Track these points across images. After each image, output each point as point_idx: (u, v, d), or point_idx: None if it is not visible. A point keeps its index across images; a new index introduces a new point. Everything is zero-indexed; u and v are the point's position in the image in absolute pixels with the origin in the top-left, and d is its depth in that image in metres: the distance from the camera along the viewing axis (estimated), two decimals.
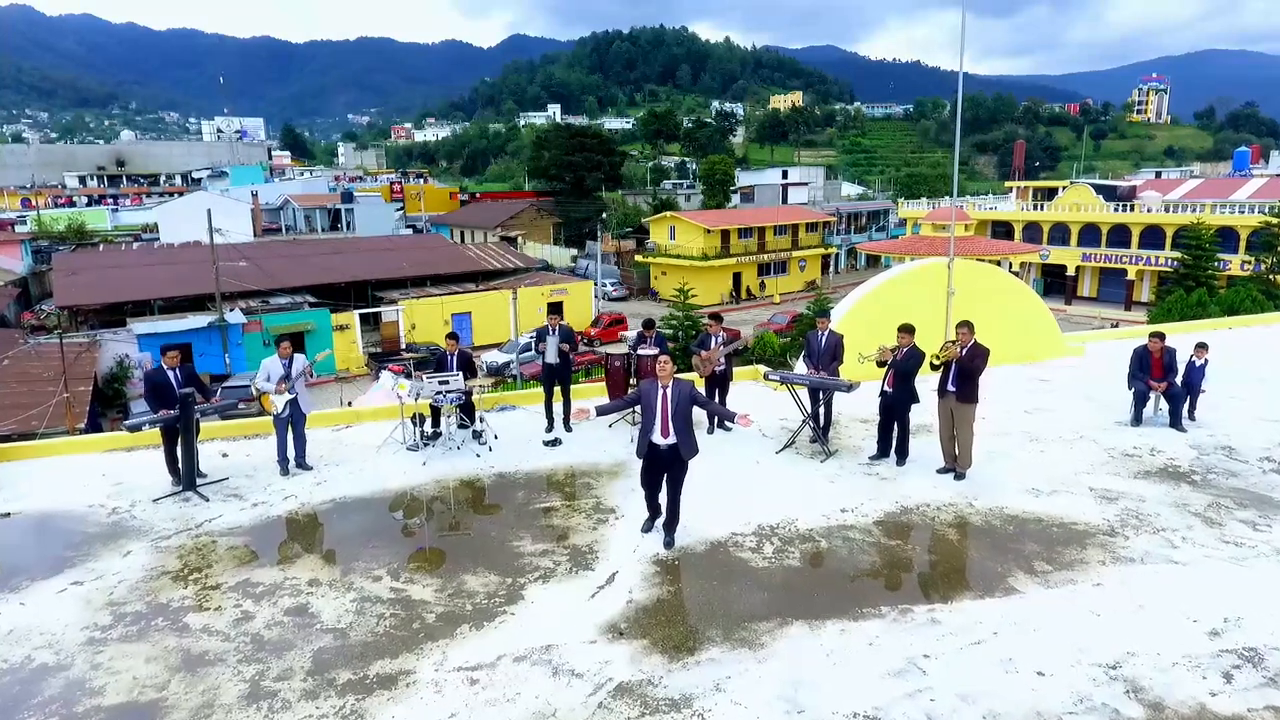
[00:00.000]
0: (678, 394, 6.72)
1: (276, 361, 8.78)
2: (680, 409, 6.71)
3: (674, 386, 6.75)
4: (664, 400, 6.74)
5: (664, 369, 6.80)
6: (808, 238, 58.88)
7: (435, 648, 5.51)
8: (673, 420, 6.70)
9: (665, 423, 6.72)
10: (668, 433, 6.73)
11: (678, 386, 6.76)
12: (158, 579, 6.58)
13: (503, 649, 5.48)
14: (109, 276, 40.66)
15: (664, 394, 6.75)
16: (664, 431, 6.74)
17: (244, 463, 9.30)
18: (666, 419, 6.72)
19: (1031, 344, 13.29)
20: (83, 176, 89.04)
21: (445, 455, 9.37)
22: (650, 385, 6.85)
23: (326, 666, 5.32)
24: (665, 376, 6.78)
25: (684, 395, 6.73)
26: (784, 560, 6.70)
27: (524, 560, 6.78)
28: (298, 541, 7.30)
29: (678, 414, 6.70)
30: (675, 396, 6.71)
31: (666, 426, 6.72)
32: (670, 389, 6.75)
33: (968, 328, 8.18)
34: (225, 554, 7.02)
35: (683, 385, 6.78)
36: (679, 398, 6.71)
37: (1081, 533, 7.12)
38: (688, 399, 6.74)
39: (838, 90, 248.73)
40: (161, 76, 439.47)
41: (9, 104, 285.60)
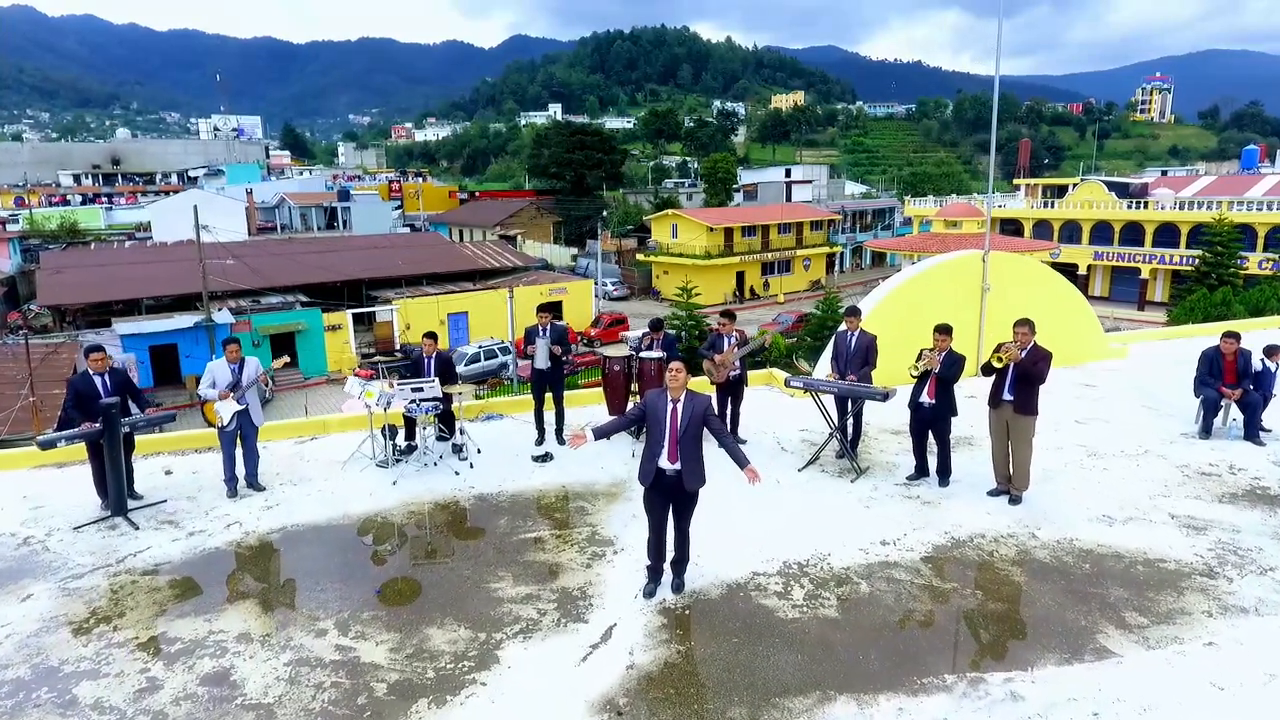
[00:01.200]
0: (690, 411, 5.53)
1: (224, 365, 7.60)
2: (691, 430, 5.52)
3: (686, 401, 5.56)
4: (674, 417, 5.55)
5: (676, 379, 5.59)
6: (812, 236, 57.65)
7: None
8: (681, 443, 5.51)
9: (674, 444, 5.53)
10: (675, 457, 5.54)
11: (691, 401, 5.57)
12: (55, 632, 5.39)
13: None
14: (95, 275, 39.50)
15: (674, 409, 5.56)
16: (671, 455, 5.55)
17: (188, 482, 8.12)
18: (675, 440, 5.53)
19: (1073, 345, 12.09)
20: (77, 175, 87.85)
21: (420, 473, 8.19)
22: (658, 397, 5.65)
23: None
24: (677, 388, 5.57)
25: (697, 414, 5.53)
26: (818, 609, 5.50)
27: (502, 608, 5.59)
28: (233, 582, 6.11)
29: (688, 435, 5.52)
30: (687, 413, 5.52)
31: (675, 449, 5.53)
32: (682, 404, 5.55)
33: (1028, 326, 6.99)
34: (144, 598, 5.83)
35: (698, 401, 5.59)
36: (691, 416, 5.52)
37: (1174, 573, 5.92)
38: (700, 419, 5.54)
39: (839, 90, 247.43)
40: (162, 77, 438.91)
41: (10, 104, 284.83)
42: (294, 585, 6.03)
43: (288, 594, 5.89)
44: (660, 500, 5.70)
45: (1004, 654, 4.98)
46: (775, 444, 8.91)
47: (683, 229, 53.01)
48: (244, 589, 5.98)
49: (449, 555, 6.50)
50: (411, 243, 52.32)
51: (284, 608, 5.69)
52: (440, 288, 43.31)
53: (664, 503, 5.71)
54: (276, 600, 5.80)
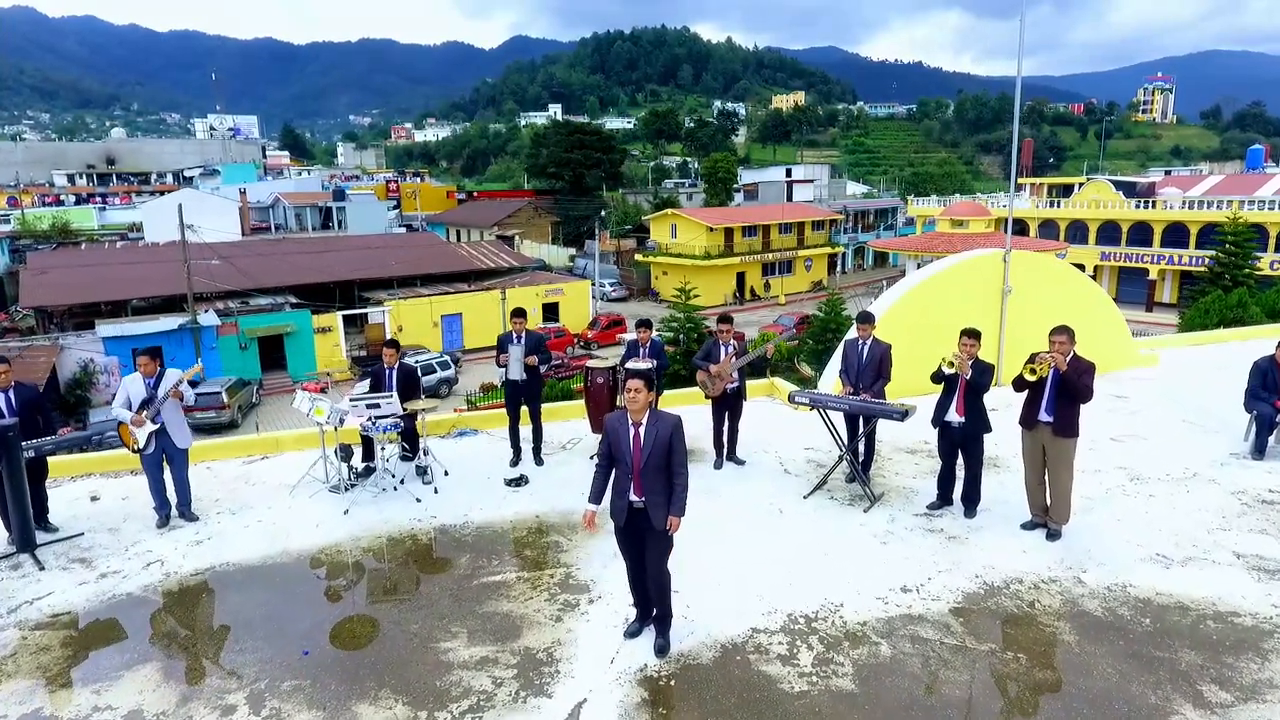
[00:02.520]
0: (655, 435, 4.61)
1: (137, 380, 6.66)
2: (656, 457, 4.61)
3: (650, 423, 4.64)
4: (636, 443, 4.62)
5: (635, 399, 4.63)
6: (814, 236, 56.68)
7: None
8: (644, 473, 4.61)
9: (638, 475, 4.61)
10: (640, 489, 4.63)
11: (656, 424, 4.65)
12: None
13: None
14: (81, 276, 38.56)
15: (636, 434, 4.64)
16: (637, 488, 4.64)
17: (115, 510, 7.19)
18: (640, 470, 4.61)
19: (1101, 352, 11.05)
20: (72, 175, 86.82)
21: (377, 499, 7.26)
22: (619, 422, 4.72)
23: None
24: (638, 410, 4.64)
25: (662, 438, 4.62)
26: (831, 678, 4.56)
27: (451, 677, 4.65)
28: (136, 639, 5.17)
29: (651, 465, 4.60)
30: (650, 438, 4.61)
31: (640, 480, 4.62)
32: (645, 427, 4.63)
33: (1067, 335, 6.05)
34: (27, 660, 4.91)
35: (664, 422, 4.66)
36: (656, 440, 4.60)
37: (1250, 630, 4.98)
38: (665, 445, 4.62)
39: (840, 90, 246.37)
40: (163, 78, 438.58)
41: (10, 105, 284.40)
42: (208, 644, 5.10)
43: (199, 656, 4.96)
44: (629, 536, 4.81)
45: None
46: (778, 464, 7.98)
47: (682, 229, 52.07)
48: (148, 650, 5.04)
49: (398, 603, 5.56)
50: (406, 243, 51.38)
51: (191, 675, 4.75)
52: (434, 289, 42.39)
53: (633, 538, 4.81)
54: (184, 664, 4.87)
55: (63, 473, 8.01)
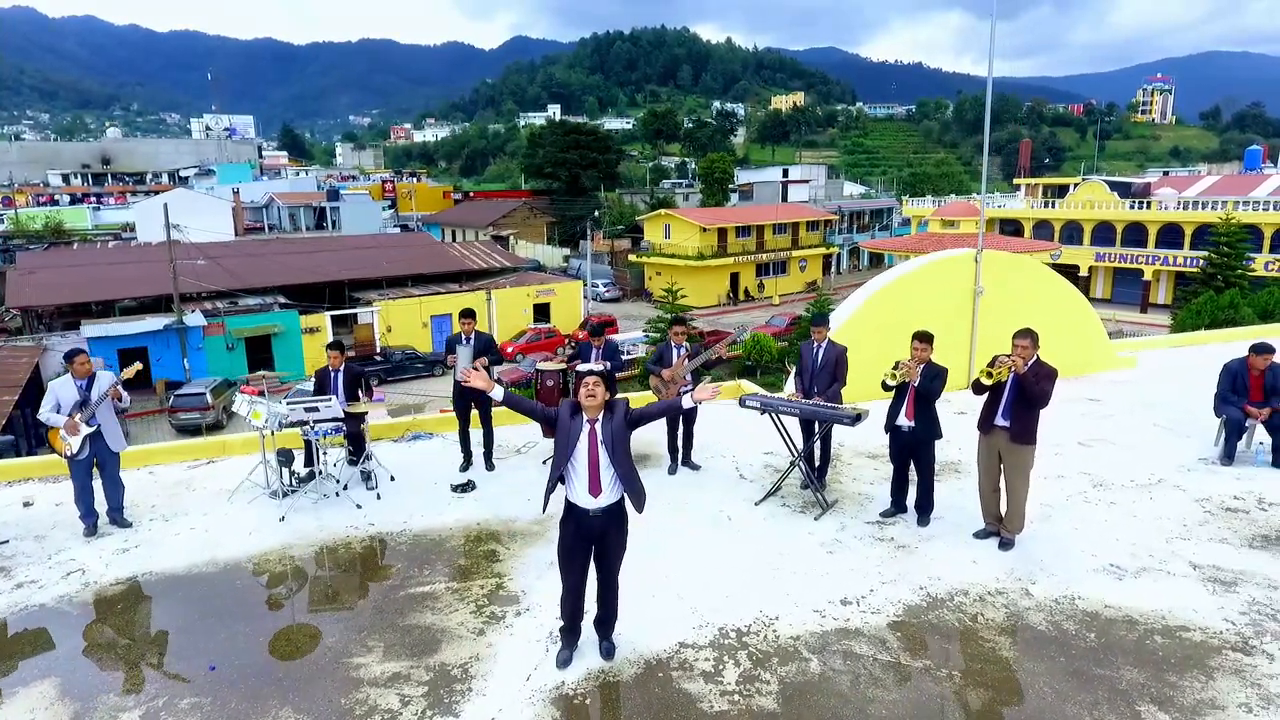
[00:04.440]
0: (612, 429, 4.39)
1: (68, 383, 6.46)
2: (620, 452, 4.39)
3: (605, 420, 4.43)
4: (593, 441, 4.41)
5: (592, 395, 4.40)
6: (808, 237, 56.45)
7: None
8: (605, 470, 4.39)
9: (595, 475, 4.39)
10: (599, 489, 4.41)
11: (612, 416, 4.44)
12: None
13: None
14: (69, 276, 38.34)
15: (592, 431, 4.42)
16: (594, 488, 4.41)
17: (46, 517, 6.98)
18: (597, 469, 4.39)
19: (1077, 354, 10.95)
20: (67, 175, 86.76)
21: (317, 505, 7.05)
22: (571, 416, 4.47)
23: None
24: (594, 407, 4.42)
25: (619, 428, 4.40)
26: (754, 696, 4.36)
27: (358, 694, 4.44)
28: (41, 653, 4.97)
29: (619, 456, 4.38)
30: (608, 433, 4.39)
31: (597, 480, 4.40)
32: (601, 423, 4.42)
33: (1030, 339, 5.83)
34: None
35: (617, 413, 4.45)
36: (614, 434, 4.38)
37: (1199, 646, 4.77)
38: (624, 433, 4.42)
39: (839, 91, 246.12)
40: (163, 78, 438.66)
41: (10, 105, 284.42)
42: (113, 659, 4.89)
43: (100, 672, 4.76)
44: (581, 548, 4.55)
45: None
46: (734, 470, 7.77)
47: (675, 229, 51.86)
48: (49, 664, 4.84)
49: (318, 615, 5.35)
50: (398, 243, 51.20)
51: (90, 688, 4.55)
52: (425, 289, 42.21)
53: (585, 550, 4.56)
54: (83, 680, 4.66)
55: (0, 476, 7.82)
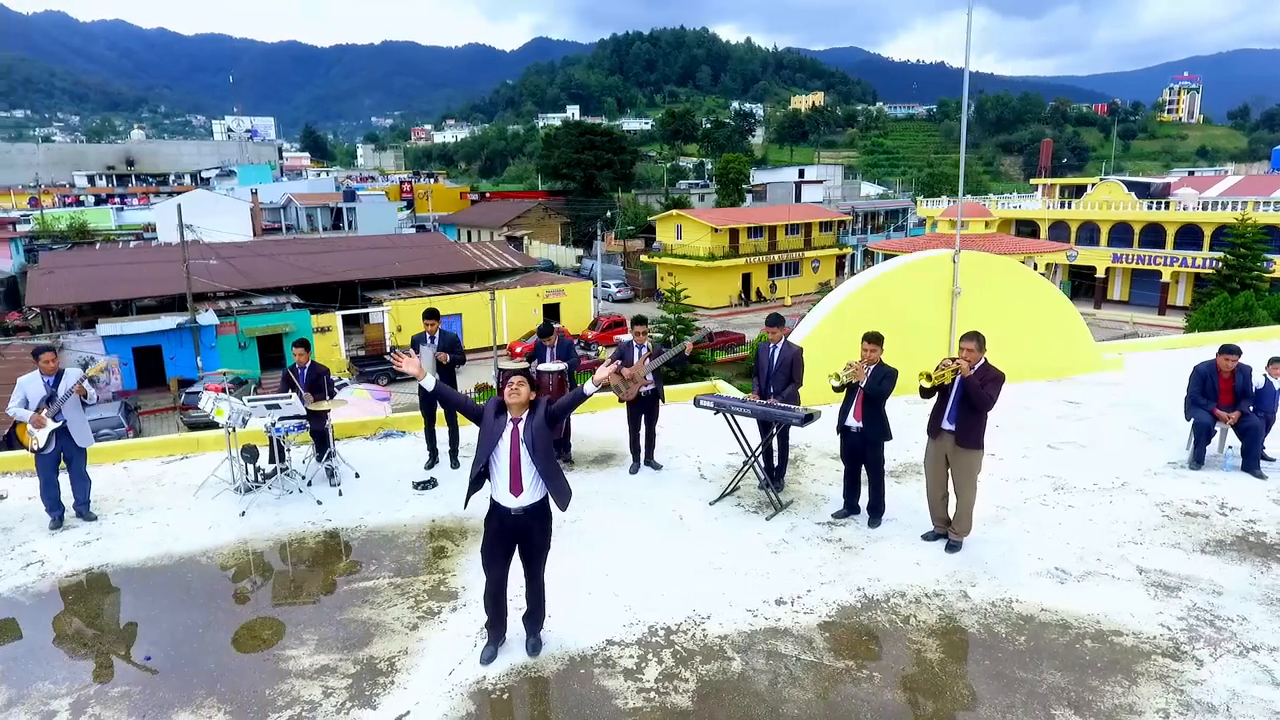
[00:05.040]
0: (532, 428, 4.43)
1: (36, 379, 6.63)
2: (540, 450, 4.42)
3: (528, 419, 4.47)
4: (514, 440, 4.45)
5: (516, 393, 4.45)
6: (821, 237, 56.18)
7: None
8: (527, 468, 4.43)
9: (517, 473, 4.43)
10: (520, 488, 4.44)
11: (534, 413, 4.48)
12: None
13: None
14: (88, 275, 39.09)
15: (515, 430, 4.46)
16: (515, 486, 4.45)
17: (16, 510, 7.16)
18: (519, 468, 4.44)
19: (1059, 356, 10.85)
20: (91, 176, 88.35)
21: (279, 501, 7.16)
22: (495, 415, 4.52)
23: None
24: (518, 405, 4.46)
25: (539, 426, 4.44)
26: (669, 695, 4.38)
27: (284, 685, 4.52)
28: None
29: (539, 454, 4.42)
30: (529, 432, 4.43)
31: (519, 479, 4.44)
32: (524, 422, 4.46)
33: (975, 342, 5.80)
34: None
35: (539, 411, 4.49)
36: (535, 433, 4.42)
37: (1130, 651, 4.72)
38: (544, 431, 4.45)
39: (860, 91, 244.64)
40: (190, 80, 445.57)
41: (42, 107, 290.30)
42: (56, 647, 5.01)
43: (42, 659, 4.87)
44: (503, 546, 4.59)
45: None
46: (695, 470, 7.79)
47: (687, 230, 51.84)
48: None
49: (260, 608, 5.45)
50: (411, 243, 51.59)
51: (27, 675, 4.67)
52: (436, 289, 42.53)
53: (507, 548, 4.61)
54: (24, 667, 4.78)
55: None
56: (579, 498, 7.14)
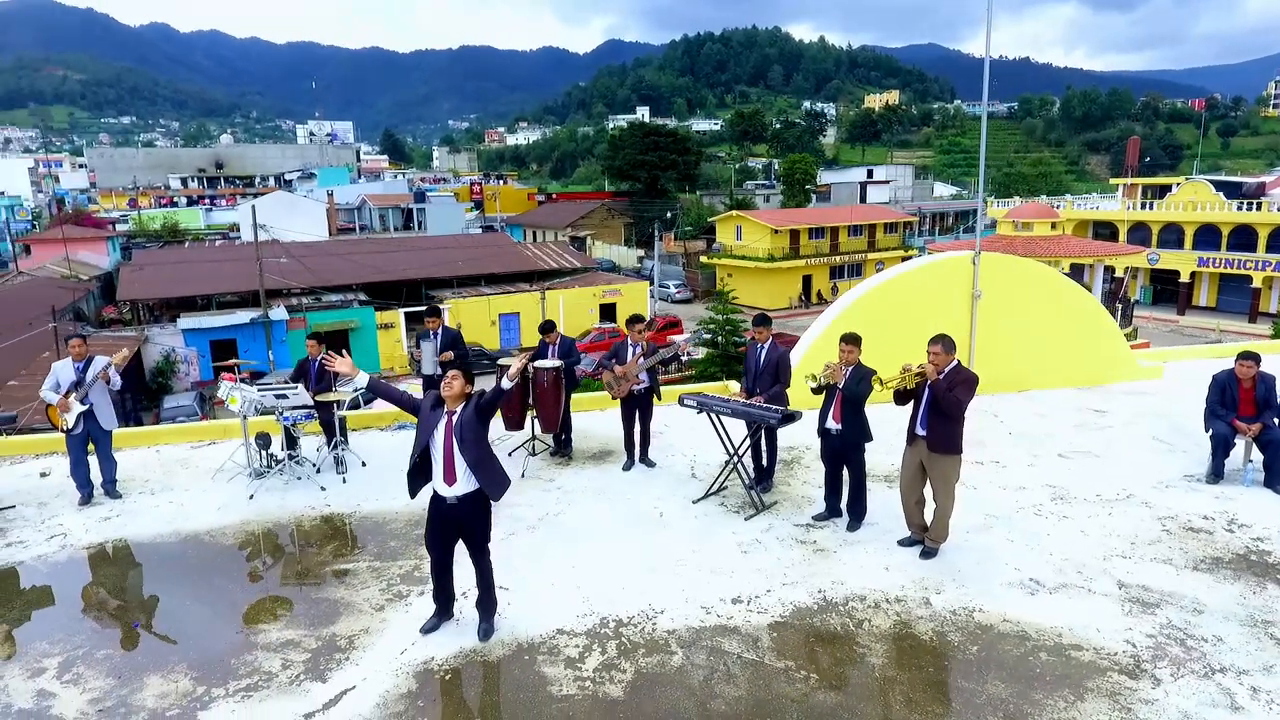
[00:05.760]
0: (462, 418, 4.63)
1: (68, 365, 7.17)
2: (469, 441, 4.61)
3: (463, 410, 4.66)
4: (448, 432, 4.64)
5: (450, 386, 4.67)
6: (886, 239, 54.98)
7: None
8: (459, 459, 4.62)
9: (450, 464, 4.62)
10: (454, 478, 4.63)
11: (467, 407, 4.67)
12: None
13: None
14: (173, 272, 41.49)
15: (449, 423, 4.66)
16: (449, 476, 4.64)
17: (55, 487, 7.74)
18: (452, 458, 4.62)
19: (1091, 363, 10.43)
20: (184, 178, 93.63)
21: (287, 486, 7.56)
22: (432, 408, 4.74)
23: None
24: (453, 397, 4.67)
25: (469, 417, 4.63)
26: (603, 685, 4.48)
27: (248, 657, 4.81)
28: (6, 604, 5.57)
29: (468, 444, 4.60)
30: (460, 424, 4.62)
31: (452, 469, 4.63)
32: (458, 414, 4.66)
33: (941, 345, 5.69)
34: None
35: (470, 403, 4.68)
36: (465, 422, 4.62)
37: (1084, 665, 4.57)
38: (473, 422, 4.64)
39: (937, 89, 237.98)
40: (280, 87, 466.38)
41: (146, 114, 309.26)
42: (59, 612, 5.45)
43: (45, 622, 5.31)
44: (441, 533, 4.81)
45: None
46: (688, 469, 7.84)
47: (747, 231, 51.52)
48: (6, 611, 5.43)
49: (246, 584, 5.79)
50: (475, 243, 52.83)
51: (29, 636, 5.10)
52: (497, 288, 43.48)
53: (446, 535, 4.82)
54: (29, 628, 5.22)
55: (25, 450, 8.70)
56: (568, 492, 7.35)
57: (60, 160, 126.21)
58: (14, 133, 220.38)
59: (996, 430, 8.81)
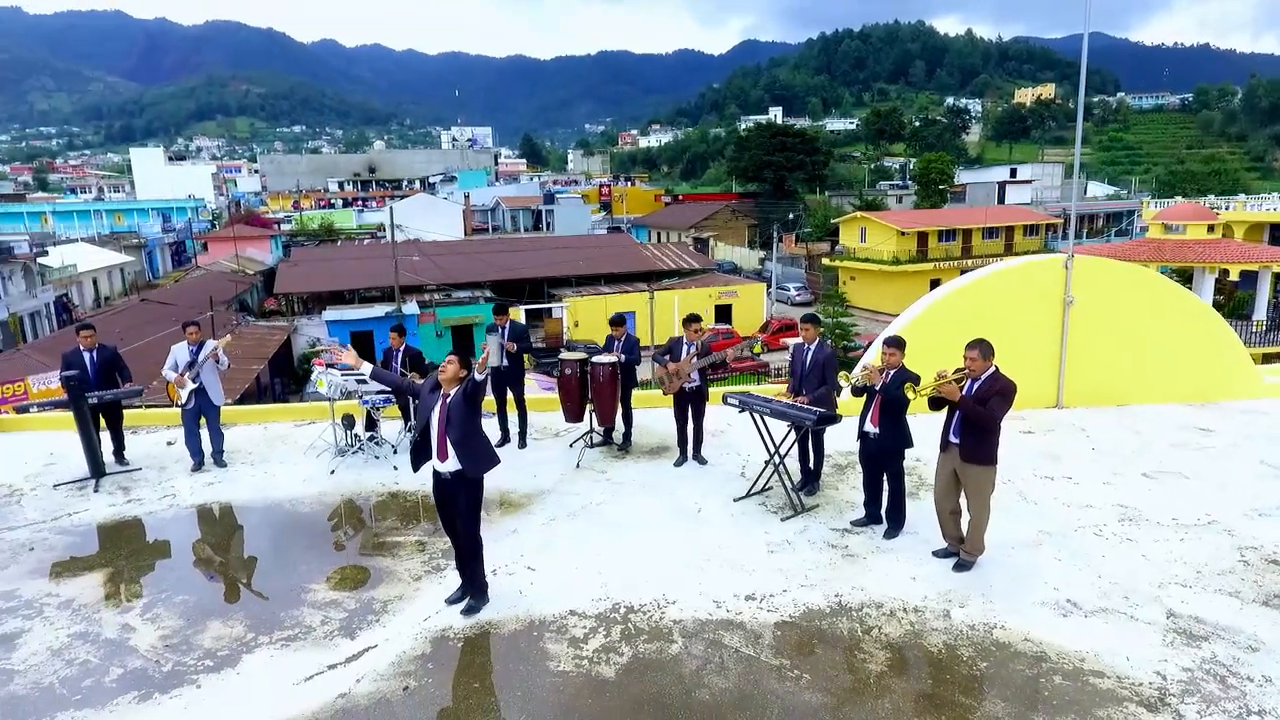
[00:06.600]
0: (451, 401, 5.03)
1: (184, 347, 8.12)
2: (457, 420, 5.00)
3: (457, 393, 5.04)
4: (442, 413, 5.03)
5: (444, 370, 5.10)
6: (1025, 242, 51.64)
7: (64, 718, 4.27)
8: (450, 432, 5.00)
9: (442, 442, 5.02)
10: (445, 455, 5.03)
11: (461, 390, 5.05)
12: None
13: None
14: (323, 268, 45.20)
15: (443, 405, 5.05)
16: (441, 454, 5.05)
17: (176, 454, 8.78)
18: (444, 437, 5.02)
19: (1199, 377, 9.54)
20: (341, 182, 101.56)
21: (366, 464, 8.23)
22: (431, 390, 5.17)
23: None
24: (448, 380, 5.07)
25: (457, 400, 5.03)
26: (599, 665, 4.67)
27: (295, 612, 5.36)
28: (116, 549, 6.45)
29: (454, 424, 4.99)
30: (451, 406, 5.03)
31: (444, 447, 5.02)
32: (452, 396, 5.04)
33: (978, 350, 5.49)
34: (31, 556, 6.33)
35: (464, 384, 5.06)
36: (453, 405, 5.03)
37: (1100, 693, 4.31)
38: (461, 404, 5.02)
39: (1098, 80, 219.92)
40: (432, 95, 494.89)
41: (314, 123, 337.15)
42: (153, 563, 6.25)
43: (139, 569, 6.11)
44: (441, 504, 5.25)
45: None
46: (738, 468, 7.87)
47: (872, 233, 49.92)
48: (112, 558, 6.29)
49: (310, 548, 6.40)
50: (597, 244, 54.16)
51: (123, 582, 5.89)
52: (615, 288, 44.43)
53: (444, 508, 5.24)
54: (128, 573, 6.03)
55: (157, 422, 9.90)
56: (617, 484, 7.59)
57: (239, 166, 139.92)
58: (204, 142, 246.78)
59: (1079, 445, 8.27)
